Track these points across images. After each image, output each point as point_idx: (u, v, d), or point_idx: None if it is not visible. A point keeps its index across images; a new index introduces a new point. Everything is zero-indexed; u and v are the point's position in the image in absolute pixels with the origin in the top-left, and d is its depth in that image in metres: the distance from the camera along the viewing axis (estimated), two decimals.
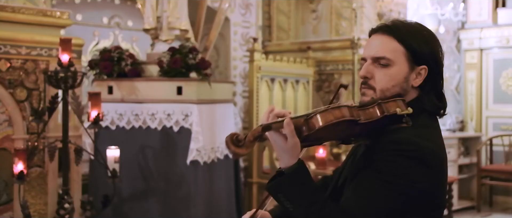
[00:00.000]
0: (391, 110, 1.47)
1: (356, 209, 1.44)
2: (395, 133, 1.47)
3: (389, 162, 1.44)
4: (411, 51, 1.54)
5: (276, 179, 1.49)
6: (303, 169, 1.48)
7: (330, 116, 1.41)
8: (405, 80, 1.55)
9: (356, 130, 1.48)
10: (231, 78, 5.63)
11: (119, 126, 4.24)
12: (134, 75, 4.28)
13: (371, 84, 1.56)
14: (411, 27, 1.58)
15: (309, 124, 1.42)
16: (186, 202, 4.16)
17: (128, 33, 5.46)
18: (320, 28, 6.29)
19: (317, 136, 1.45)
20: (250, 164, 5.50)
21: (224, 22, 5.19)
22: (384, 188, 1.43)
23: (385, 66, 1.54)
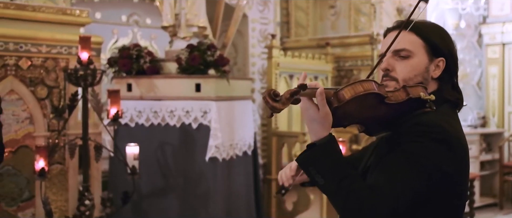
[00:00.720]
0: (416, 93, 1.49)
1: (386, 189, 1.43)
2: (419, 116, 1.50)
3: (415, 142, 1.45)
4: (429, 44, 1.60)
5: (307, 151, 1.48)
6: (334, 141, 1.48)
7: (359, 87, 1.43)
8: (425, 71, 1.59)
9: (381, 111, 1.49)
10: (249, 75, 5.63)
11: (138, 123, 4.26)
12: (152, 73, 4.29)
13: (393, 76, 1.58)
14: (427, 23, 1.64)
15: (339, 95, 1.43)
16: (205, 198, 4.16)
17: (147, 31, 5.49)
18: (338, 24, 6.25)
19: (345, 110, 1.45)
20: (269, 161, 5.49)
21: (242, 19, 5.18)
22: (410, 168, 1.44)
23: (406, 58, 1.59)
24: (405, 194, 1.43)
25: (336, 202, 1.48)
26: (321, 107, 1.44)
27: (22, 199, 3.88)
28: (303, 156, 1.49)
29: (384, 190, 1.43)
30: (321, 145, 1.46)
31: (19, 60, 3.86)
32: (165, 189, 4.21)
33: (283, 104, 1.37)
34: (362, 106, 1.46)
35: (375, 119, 1.55)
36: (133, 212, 4.21)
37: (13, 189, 3.83)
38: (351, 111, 1.47)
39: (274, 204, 5.44)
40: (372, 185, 1.46)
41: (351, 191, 1.43)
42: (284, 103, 1.37)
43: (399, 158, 1.46)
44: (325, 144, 1.46)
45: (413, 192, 1.44)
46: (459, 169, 1.51)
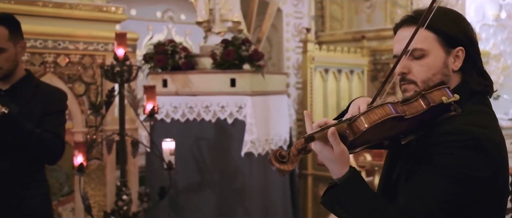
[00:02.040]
0: (437, 99, 1.39)
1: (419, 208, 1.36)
2: (446, 123, 1.40)
3: (445, 155, 1.37)
4: (442, 35, 1.47)
5: (330, 191, 1.42)
6: (356, 176, 1.41)
7: (373, 116, 1.33)
8: (444, 66, 1.48)
9: (403, 126, 1.40)
10: (284, 69, 5.59)
11: (174, 119, 4.28)
12: (188, 68, 4.30)
13: (411, 79, 1.48)
14: (436, 12, 1.46)
15: (353, 128, 1.34)
16: (241, 194, 4.15)
17: (181, 26, 5.52)
18: (374, 17, 6.15)
19: (363, 139, 1.38)
20: (304, 156, 5.44)
21: (276, 13, 5.15)
22: (445, 183, 1.36)
23: (420, 58, 1.47)
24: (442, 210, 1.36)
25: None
26: (335, 146, 1.36)
27: (62, 194, 3.95)
28: (327, 197, 1.43)
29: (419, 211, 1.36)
30: (342, 183, 1.40)
31: (58, 57, 3.92)
32: (201, 185, 4.22)
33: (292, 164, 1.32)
34: (380, 131, 1.38)
35: (399, 133, 1.46)
36: (170, 207, 4.24)
37: (53, 184, 3.89)
38: (369, 138, 1.40)
39: (310, 199, 5.40)
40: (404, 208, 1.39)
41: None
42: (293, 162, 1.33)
43: (430, 173, 1.38)
44: (346, 181, 1.40)
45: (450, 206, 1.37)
46: (495, 169, 1.42)
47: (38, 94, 2.61)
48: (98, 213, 3.96)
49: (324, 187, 5.22)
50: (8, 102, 2.42)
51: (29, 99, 2.56)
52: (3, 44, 2.45)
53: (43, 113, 2.57)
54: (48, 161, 2.69)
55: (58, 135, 2.60)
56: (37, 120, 2.53)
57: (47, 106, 2.59)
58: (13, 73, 2.55)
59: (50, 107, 2.61)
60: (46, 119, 2.56)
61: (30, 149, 2.51)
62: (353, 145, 1.40)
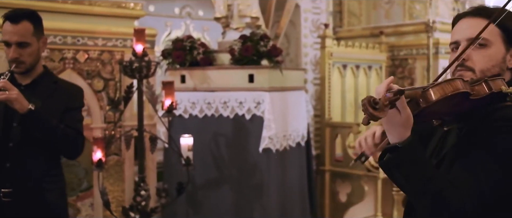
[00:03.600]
0: (497, 87, 1.47)
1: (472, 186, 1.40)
2: (502, 110, 1.46)
3: (501, 138, 1.42)
4: (506, 32, 1.55)
5: (389, 155, 1.43)
6: (417, 142, 1.42)
7: (448, 87, 1.41)
8: (502, 61, 1.55)
9: (464, 106, 1.47)
10: (302, 65, 5.56)
11: (192, 114, 4.28)
12: (206, 64, 4.30)
13: (469, 66, 1.55)
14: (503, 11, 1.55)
15: (427, 96, 1.40)
16: (259, 190, 4.14)
17: (199, 22, 5.51)
18: (392, 12, 6.09)
19: (431, 109, 1.43)
20: (323, 152, 5.43)
21: (294, 9, 5.12)
22: (498, 164, 1.41)
23: (483, 47, 1.54)
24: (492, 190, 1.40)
25: (422, 203, 1.44)
26: (402, 110, 1.38)
27: (81, 189, 3.98)
28: (386, 160, 1.44)
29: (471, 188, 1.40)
30: (404, 147, 1.41)
31: (77, 53, 3.94)
32: (219, 180, 4.22)
33: (382, 112, 1.33)
34: (448, 105, 1.44)
35: (455, 113, 1.53)
36: (188, 202, 4.25)
37: (73, 180, 3.92)
38: (437, 109, 1.45)
39: (328, 195, 5.37)
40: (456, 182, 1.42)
41: (437, 191, 1.40)
42: (383, 111, 1.34)
43: (483, 153, 1.43)
44: (408, 145, 1.41)
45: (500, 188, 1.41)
46: None
47: (58, 90, 2.64)
48: (116, 208, 3.98)
49: (341, 183, 5.16)
50: (29, 97, 2.45)
51: (49, 95, 2.60)
52: (28, 39, 2.49)
53: (64, 108, 2.60)
54: (70, 155, 2.74)
55: (79, 130, 2.65)
56: (58, 116, 2.56)
57: (67, 102, 2.64)
58: (34, 68, 2.58)
59: (71, 104, 2.66)
60: (67, 114, 2.60)
61: (54, 144, 2.54)
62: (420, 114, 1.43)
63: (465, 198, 1.39)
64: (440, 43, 5.60)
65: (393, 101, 1.34)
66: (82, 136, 2.68)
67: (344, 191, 5.25)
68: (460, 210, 1.39)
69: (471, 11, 1.60)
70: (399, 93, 1.34)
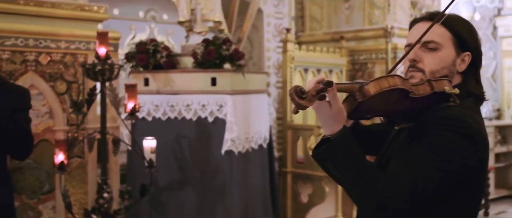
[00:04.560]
0: (440, 87, 1.50)
1: (404, 179, 1.44)
2: (444, 110, 1.50)
3: (439, 136, 1.46)
4: (457, 37, 1.60)
5: (323, 146, 1.48)
6: (349, 134, 1.47)
7: (384, 82, 1.43)
8: (452, 64, 1.60)
9: (405, 105, 1.49)
10: (264, 69, 5.66)
11: (155, 117, 4.31)
12: (169, 67, 4.34)
13: (420, 67, 1.59)
14: (454, 16, 1.63)
15: (364, 90, 1.42)
16: (221, 191, 4.20)
17: (164, 26, 5.54)
18: (353, 18, 6.25)
19: (369, 105, 1.44)
20: (284, 154, 5.52)
21: (257, 13, 5.20)
22: (433, 160, 1.45)
23: (434, 50, 1.59)
24: (425, 186, 1.44)
25: (354, 194, 1.50)
26: (333, 103, 1.43)
27: (43, 192, 3.97)
28: (319, 151, 1.49)
29: (403, 180, 1.44)
30: (336, 139, 1.46)
31: (39, 56, 3.93)
32: (182, 182, 4.27)
33: (309, 102, 1.36)
34: (386, 101, 1.46)
35: (399, 111, 1.55)
36: (151, 204, 4.28)
37: (34, 182, 3.91)
38: (375, 105, 1.47)
39: (290, 196, 5.48)
40: (390, 175, 1.47)
41: (368, 182, 1.44)
42: (310, 100, 1.36)
43: (421, 149, 1.47)
44: (339, 137, 1.45)
45: (433, 183, 1.45)
46: (480, 162, 1.52)
47: (3, 92, 2.66)
48: (79, 211, 3.98)
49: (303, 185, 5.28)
50: None
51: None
52: None
53: (11, 109, 2.62)
54: (20, 156, 2.77)
55: (28, 131, 2.67)
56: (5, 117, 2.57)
57: (14, 103, 2.66)
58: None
59: (17, 105, 2.68)
60: (14, 116, 2.62)
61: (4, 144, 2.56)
62: (358, 109, 1.46)
63: (397, 191, 1.42)
64: (398, 48, 5.78)
65: (320, 91, 1.37)
66: (30, 136, 2.72)
67: (305, 192, 5.36)
68: (390, 201, 1.42)
69: (426, 16, 1.64)
70: (327, 84, 1.38)
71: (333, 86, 1.40)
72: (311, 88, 1.37)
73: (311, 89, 1.37)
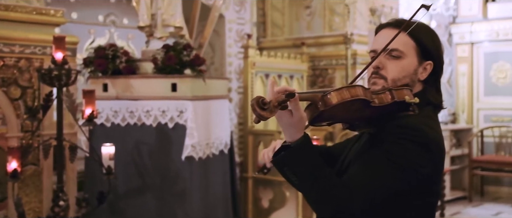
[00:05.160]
0: (401, 96, 1.53)
1: (360, 185, 1.46)
2: (402, 119, 1.53)
3: (396, 144, 1.49)
4: (420, 46, 1.63)
5: (282, 153, 1.50)
6: (308, 142, 1.49)
7: (346, 93, 1.45)
8: (414, 73, 1.63)
9: (366, 113, 1.52)
10: (226, 74, 5.65)
11: (114, 123, 4.25)
12: (129, 73, 4.28)
13: (383, 74, 1.62)
14: (419, 24, 1.64)
15: (326, 100, 1.45)
16: (181, 197, 4.17)
17: (124, 31, 5.46)
18: (313, 24, 6.31)
19: (331, 113, 1.47)
20: (246, 159, 5.52)
21: (218, 19, 5.19)
22: (389, 167, 1.48)
23: (397, 58, 1.62)
24: (380, 193, 1.47)
25: (311, 200, 1.51)
26: (295, 112, 1.45)
27: None
28: (278, 157, 1.51)
29: (359, 186, 1.46)
30: (295, 146, 1.48)
31: None
32: (141, 189, 4.21)
33: (270, 113, 1.38)
34: (348, 109, 1.49)
35: (360, 119, 1.59)
36: (110, 212, 4.20)
37: None
38: (337, 113, 1.49)
39: (251, 201, 5.48)
40: (346, 182, 1.49)
41: (325, 189, 1.46)
42: (272, 111, 1.38)
43: (378, 156, 1.50)
44: (299, 145, 1.48)
45: (389, 191, 1.48)
46: (435, 170, 1.56)
47: None
48: None
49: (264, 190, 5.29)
50: None
51: None
52: None
53: None
54: None
55: None
56: None
57: None
58: None
59: None
60: None
61: None
62: (320, 117, 1.49)
63: (353, 198, 1.44)
64: (357, 54, 5.86)
65: (282, 102, 1.39)
66: None
67: (266, 197, 5.37)
68: (346, 208, 1.45)
69: (392, 22, 1.67)
70: (289, 96, 1.40)
71: (295, 97, 1.42)
72: (273, 99, 1.39)
73: (273, 100, 1.39)
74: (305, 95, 1.49)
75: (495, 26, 7.19)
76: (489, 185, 7.28)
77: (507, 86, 7.16)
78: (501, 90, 7.21)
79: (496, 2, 7.27)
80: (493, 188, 7.26)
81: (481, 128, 7.27)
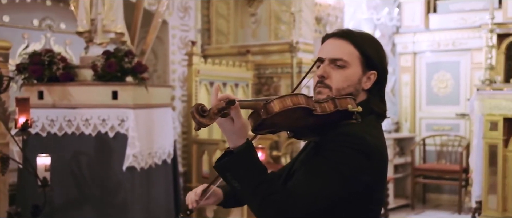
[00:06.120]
0: (344, 105, 1.55)
1: (303, 192, 1.48)
2: (345, 127, 1.56)
3: (337, 151, 1.52)
4: (365, 56, 1.66)
5: (224, 158, 1.51)
6: (250, 148, 1.51)
7: (288, 101, 1.47)
8: (358, 82, 1.66)
9: (310, 121, 1.54)
10: (169, 82, 5.55)
11: (50, 133, 4.09)
12: (66, 80, 4.13)
13: (327, 84, 1.65)
14: (364, 35, 1.70)
15: (268, 108, 1.46)
16: (123, 209, 4.06)
17: (61, 36, 5.25)
18: (259, 32, 6.30)
19: (273, 121, 1.48)
20: (190, 169, 5.43)
21: (162, 25, 5.10)
22: (331, 175, 1.50)
23: (341, 68, 1.65)
24: (322, 199, 1.49)
25: (254, 207, 1.53)
26: (236, 119, 1.47)
27: None
28: (220, 163, 1.52)
29: (301, 193, 1.48)
30: (238, 152, 1.49)
31: None
32: (80, 201, 4.07)
33: (210, 120, 1.40)
34: (290, 117, 1.50)
35: (304, 127, 1.60)
36: None
37: None
38: (279, 121, 1.51)
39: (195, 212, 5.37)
40: (289, 188, 1.51)
41: (267, 195, 1.47)
42: (212, 119, 1.40)
43: (319, 164, 1.52)
44: (241, 151, 1.49)
45: (330, 198, 1.50)
46: (376, 178, 1.59)
47: None
48: None
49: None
50: None
51: None
52: None
53: None
54: None
55: None
56: None
57: None
58: None
59: None
60: None
61: None
62: (262, 125, 1.50)
63: (295, 204, 1.46)
64: (303, 63, 5.89)
65: (222, 109, 1.40)
66: None
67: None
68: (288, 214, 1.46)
69: (337, 32, 1.70)
70: (229, 103, 1.41)
71: (236, 105, 1.44)
72: (213, 107, 1.41)
73: (213, 108, 1.41)
74: (247, 103, 1.50)
75: (436, 36, 7.40)
76: (430, 192, 7.47)
77: (447, 96, 7.38)
78: (442, 100, 7.41)
79: (437, 14, 7.50)
80: (434, 196, 7.45)
81: (423, 137, 7.45)
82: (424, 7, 7.45)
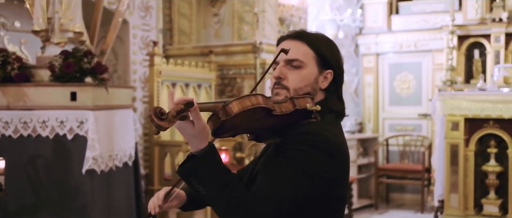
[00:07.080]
0: (302, 104, 1.57)
1: (266, 192, 1.49)
2: (304, 126, 1.58)
3: (297, 150, 1.53)
4: (320, 56, 1.68)
5: (187, 163, 1.50)
6: (213, 151, 1.51)
7: (247, 102, 1.47)
8: (315, 82, 1.68)
9: (269, 122, 1.54)
10: (130, 83, 5.44)
11: (4, 135, 3.95)
12: (22, 80, 4.01)
13: (285, 84, 1.66)
14: (318, 35, 1.73)
15: (227, 110, 1.45)
16: (82, 213, 3.96)
17: (16, 34, 5.08)
18: (222, 32, 6.25)
19: (233, 123, 1.48)
20: (151, 171, 5.34)
21: (122, 25, 4.99)
22: (291, 173, 1.51)
23: (298, 68, 1.66)
24: (287, 199, 1.50)
25: (219, 210, 1.53)
26: (196, 122, 1.46)
27: None
28: (183, 167, 1.51)
29: (266, 195, 1.49)
30: (200, 156, 1.48)
31: None
32: (36, 206, 3.94)
33: (169, 123, 1.38)
34: (250, 118, 1.50)
35: (264, 128, 1.60)
36: None
37: None
38: (239, 123, 1.50)
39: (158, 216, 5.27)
40: (254, 190, 1.53)
41: (232, 198, 1.48)
42: (171, 122, 1.38)
43: (282, 164, 1.53)
44: (204, 154, 1.49)
45: (294, 196, 1.51)
46: (338, 175, 1.61)
47: None
48: None
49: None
50: None
51: None
52: None
53: None
54: None
55: None
56: None
57: None
58: None
59: None
60: None
61: None
62: (222, 127, 1.49)
63: (260, 206, 1.47)
64: (266, 63, 5.86)
65: (180, 112, 1.38)
66: None
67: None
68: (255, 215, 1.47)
69: (292, 34, 1.71)
70: (187, 105, 1.39)
71: (195, 106, 1.42)
72: (172, 110, 1.39)
73: (172, 111, 1.39)
74: (206, 105, 1.49)
75: (398, 38, 7.50)
76: (394, 192, 7.55)
77: (410, 96, 7.48)
78: (404, 100, 7.51)
79: (400, 15, 7.59)
80: (397, 195, 7.54)
81: (386, 137, 7.53)
82: (387, 8, 7.55)
